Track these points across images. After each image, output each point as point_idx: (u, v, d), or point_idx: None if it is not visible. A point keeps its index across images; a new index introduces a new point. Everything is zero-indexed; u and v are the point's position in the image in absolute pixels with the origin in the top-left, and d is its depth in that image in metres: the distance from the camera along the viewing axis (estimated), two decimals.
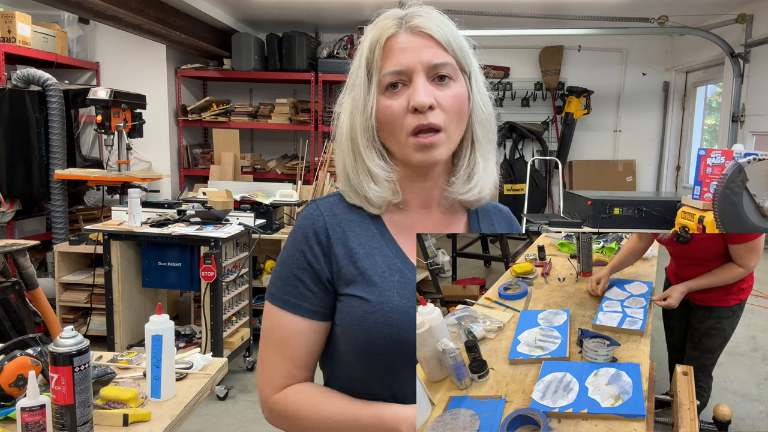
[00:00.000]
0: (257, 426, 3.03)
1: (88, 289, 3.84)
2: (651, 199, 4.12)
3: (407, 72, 0.87)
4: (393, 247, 0.93)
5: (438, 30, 0.89)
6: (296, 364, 0.93)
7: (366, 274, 0.90)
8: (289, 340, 0.92)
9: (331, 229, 0.92)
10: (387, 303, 0.88)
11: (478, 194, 0.94)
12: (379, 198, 0.92)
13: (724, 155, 3.10)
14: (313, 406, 0.90)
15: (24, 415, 1.16)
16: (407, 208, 0.96)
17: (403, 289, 0.89)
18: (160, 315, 1.44)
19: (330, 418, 0.88)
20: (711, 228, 2.86)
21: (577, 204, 4.42)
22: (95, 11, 3.76)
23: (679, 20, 4.91)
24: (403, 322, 0.87)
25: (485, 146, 0.95)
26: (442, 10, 0.94)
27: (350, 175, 0.93)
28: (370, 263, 0.90)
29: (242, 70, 5.62)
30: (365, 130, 0.90)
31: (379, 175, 0.91)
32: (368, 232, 0.93)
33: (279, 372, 0.93)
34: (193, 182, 5.67)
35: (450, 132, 0.88)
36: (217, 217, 3.29)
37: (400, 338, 0.86)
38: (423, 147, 0.87)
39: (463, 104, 0.90)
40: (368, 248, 0.92)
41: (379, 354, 0.87)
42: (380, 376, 0.89)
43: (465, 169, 0.94)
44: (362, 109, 0.90)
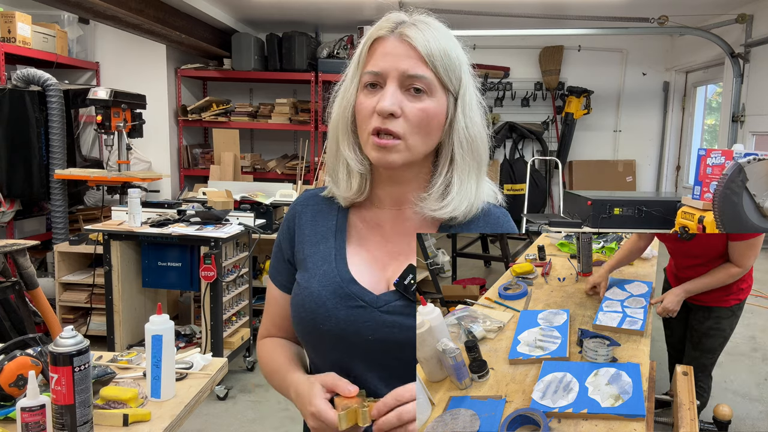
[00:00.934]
0: (257, 426, 3.03)
1: (88, 289, 3.84)
2: (651, 199, 4.12)
3: (383, 75, 0.90)
4: (339, 241, 1.00)
5: (424, 43, 0.90)
6: (273, 323, 1.09)
7: (306, 260, 1.01)
8: (271, 303, 1.09)
9: (298, 216, 1.05)
10: (307, 289, 0.97)
11: (451, 212, 0.95)
12: (346, 190, 0.98)
13: (724, 155, 3.10)
14: (268, 355, 1.08)
15: (24, 415, 1.16)
16: (380, 206, 1.00)
17: (324, 279, 0.96)
18: (160, 315, 1.44)
19: (273, 370, 1.05)
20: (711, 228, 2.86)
21: (577, 204, 4.42)
22: (95, 11, 3.76)
23: (679, 20, 4.91)
24: (315, 308, 0.95)
25: (463, 167, 0.95)
26: (443, 10, 0.94)
27: (330, 161, 1.00)
28: (312, 251, 1.01)
29: (242, 70, 5.62)
30: (344, 121, 0.96)
31: (352, 166, 0.96)
32: (327, 223, 1.02)
33: (263, 326, 1.12)
34: (193, 182, 5.67)
35: (410, 142, 0.91)
36: (217, 217, 3.29)
37: (315, 323, 0.95)
38: (379, 147, 0.90)
39: (432, 120, 0.91)
40: (318, 237, 1.02)
41: (302, 332, 0.99)
42: (312, 353, 1.02)
43: (439, 186, 0.95)
44: (346, 98, 0.96)
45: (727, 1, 4.70)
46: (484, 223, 1.00)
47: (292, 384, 0.97)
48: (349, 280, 0.96)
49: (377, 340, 0.92)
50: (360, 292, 0.94)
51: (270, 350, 1.08)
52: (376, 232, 1.00)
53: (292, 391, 0.97)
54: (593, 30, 5.37)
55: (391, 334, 0.92)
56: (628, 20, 4.97)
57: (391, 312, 0.92)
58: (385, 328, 0.92)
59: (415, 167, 0.96)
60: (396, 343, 0.92)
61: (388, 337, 0.92)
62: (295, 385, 0.96)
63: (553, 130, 6.57)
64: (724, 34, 4.91)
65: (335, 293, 0.95)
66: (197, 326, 3.61)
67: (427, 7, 0.98)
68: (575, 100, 6.22)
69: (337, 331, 0.94)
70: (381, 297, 0.94)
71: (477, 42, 5.41)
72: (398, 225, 0.99)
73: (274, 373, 1.04)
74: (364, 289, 0.95)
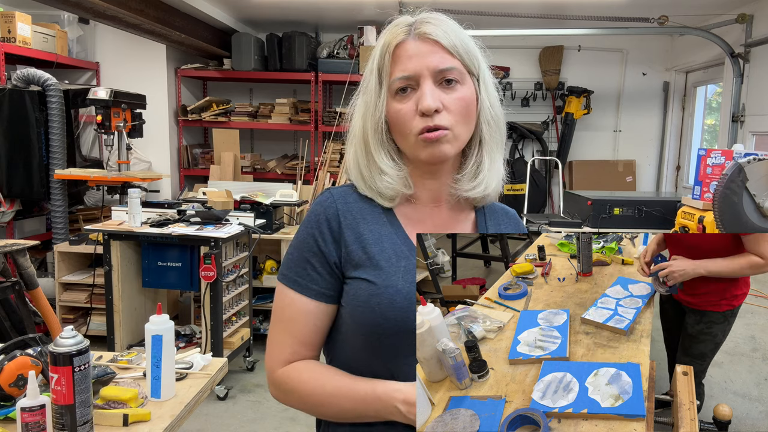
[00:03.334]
0: (257, 426, 3.03)
1: (88, 289, 3.84)
2: (651, 199, 4.13)
3: (415, 77, 0.92)
4: (401, 236, 0.97)
5: (444, 36, 0.93)
6: (302, 341, 0.96)
7: (374, 258, 0.94)
8: (297, 318, 0.96)
9: (342, 215, 0.97)
10: (392, 286, 0.92)
11: (483, 191, 0.99)
12: (391, 189, 0.97)
13: (724, 155, 3.10)
14: (314, 380, 0.94)
15: (24, 415, 1.16)
16: (418, 203, 1.01)
17: (408, 275, 0.93)
18: (160, 315, 1.44)
19: (329, 392, 0.93)
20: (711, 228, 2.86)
21: (577, 204, 4.43)
22: (95, 11, 3.76)
23: (679, 20, 4.91)
24: (406, 305, 0.91)
25: (491, 145, 0.99)
26: (443, 10, 0.96)
27: (363, 172, 0.99)
28: (378, 249, 0.95)
29: (242, 70, 5.61)
30: (376, 131, 0.96)
31: (389, 173, 0.96)
32: (379, 221, 0.98)
33: (285, 348, 0.97)
34: (193, 182, 5.67)
35: (457, 132, 0.93)
36: (217, 217, 3.29)
37: (404, 321, 0.90)
38: (431, 142, 0.91)
39: (470, 105, 0.95)
40: (377, 235, 0.96)
41: (382, 335, 0.91)
42: (382, 357, 0.93)
43: (471, 167, 0.99)
44: (373, 111, 0.96)
45: (727, 1, 4.70)
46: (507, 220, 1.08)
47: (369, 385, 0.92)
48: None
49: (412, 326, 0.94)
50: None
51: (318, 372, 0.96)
52: (420, 227, 1.01)
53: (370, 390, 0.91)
54: (593, 30, 5.37)
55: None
56: (628, 20, 4.97)
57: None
58: None
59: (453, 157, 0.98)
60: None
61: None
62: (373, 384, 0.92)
63: (553, 130, 6.57)
64: (724, 34, 4.91)
65: (415, 287, 0.93)
66: (197, 326, 3.61)
67: (427, 7, 0.99)
68: (575, 100, 6.22)
69: (413, 326, 0.92)
70: None
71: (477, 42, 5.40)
72: (437, 220, 1.02)
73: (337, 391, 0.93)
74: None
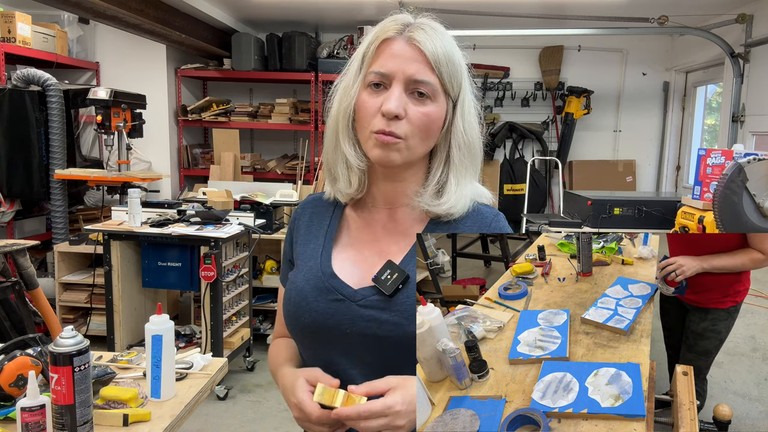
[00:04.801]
0: (257, 426, 3.03)
1: (88, 289, 3.84)
2: (651, 199, 4.13)
3: (389, 77, 0.92)
4: (327, 240, 1.03)
5: (432, 48, 0.91)
6: (281, 323, 1.10)
7: (298, 258, 1.05)
8: (280, 305, 1.10)
9: (298, 219, 1.10)
10: (294, 283, 1.01)
11: (447, 210, 0.98)
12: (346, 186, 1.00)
13: (724, 155, 3.10)
14: (273, 356, 1.11)
15: (24, 415, 1.16)
16: (374, 205, 1.03)
17: (308, 274, 1.00)
18: (160, 315, 1.44)
19: (273, 366, 1.08)
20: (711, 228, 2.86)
21: (577, 204, 4.42)
22: (95, 11, 3.76)
23: (679, 20, 4.90)
24: (298, 301, 0.99)
25: (460, 169, 0.98)
26: (443, 10, 0.95)
27: (329, 156, 1.01)
28: (303, 249, 1.05)
29: (242, 70, 5.61)
30: (344, 117, 0.97)
31: (352, 162, 0.98)
32: (321, 223, 1.06)
33: (277, 327, 1.16)
34: (193, 182, 5.66)
35: (411, 143, 0.93)
36: (217, 217, 3.29)
37: (297, 315, 0.98)
38: (381, 144, 0.92)
39: (434, 123, 0.94)
40: (310, 236, 1.05)
41: (289, 327, 1.02)
42: (300, 348, 1.05)
43: (434, 185, 0.98)
44: (346, 95, 0.97)
45: (727, 1, 4.70)
46: (472, 222, 1.01)
47: (281, 377, 1.02)
48: (330, 275, 0.99)
49: (355, 334, 0.94)
50: (339, 285, 0.97)
51: (275, 349, 1.12)
52: (368, 231, 1.02)
53: (280, 384, 1.02)
54: (593, 30, 5.37)
55: (369, 328, 0.93)
56: (628, 20, 4.97)
57: (368, 306, 0.94)
58: (363, 322, 0.94)
59: (413, 167, 0.98)
60: (375, 337, 0.93)
61: (365, 331, 0.94)
62: (282, 378, 1.01)
63: (553, 130, 6.57)
64: (724, 34, 4.91)
65: (316, 287, 0.98)
66: (197, 326, 3.61)
67: (427, 7, 0.98)
68: (575, 100, 6.22)
69: (316, 324, 0.97)
70: (359, 291, 0.96)
71: (477, 42, 5.41)
72: (390, 224, 1.02)
73: (274, 371, 1.08)
74: (344, 283, 0.97)
